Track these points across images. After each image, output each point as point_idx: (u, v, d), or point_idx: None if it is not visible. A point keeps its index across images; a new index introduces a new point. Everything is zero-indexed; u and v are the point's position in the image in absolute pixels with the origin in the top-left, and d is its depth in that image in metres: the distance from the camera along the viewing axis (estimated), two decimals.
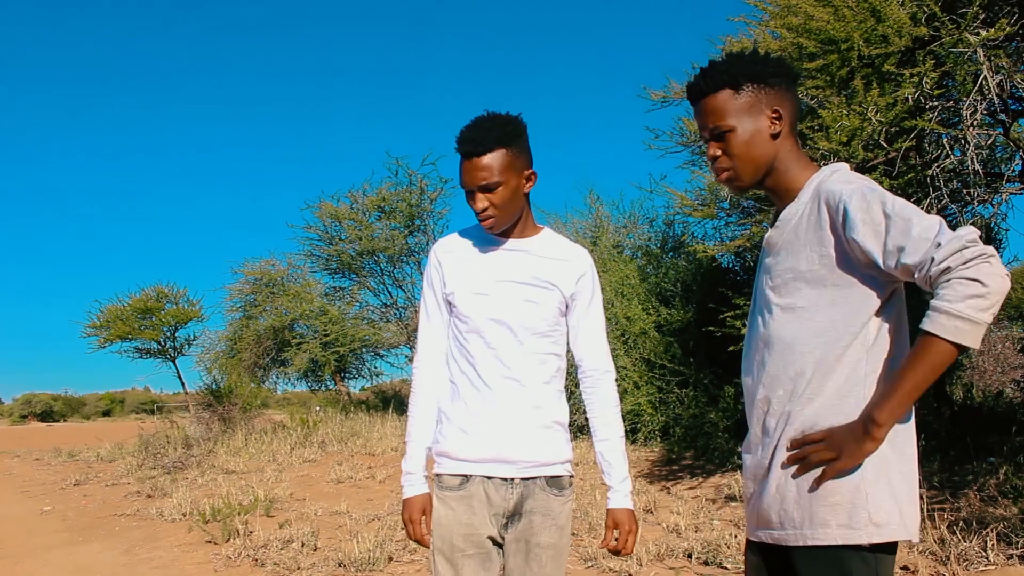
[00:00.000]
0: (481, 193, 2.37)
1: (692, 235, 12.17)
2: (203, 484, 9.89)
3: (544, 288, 2.45)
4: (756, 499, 1.96)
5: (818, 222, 1.83)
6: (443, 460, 2.43)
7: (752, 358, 2.01)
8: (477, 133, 2.36)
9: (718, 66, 1.94)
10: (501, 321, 2.42)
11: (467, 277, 2.47)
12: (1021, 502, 5.51)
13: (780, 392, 1.89)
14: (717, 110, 1.94)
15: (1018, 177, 5.61)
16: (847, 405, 1.81)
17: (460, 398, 2.44)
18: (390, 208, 17.54)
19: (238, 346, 20.05)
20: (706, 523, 6.22)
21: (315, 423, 14.88)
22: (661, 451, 9.88)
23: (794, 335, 1.87)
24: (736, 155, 1.95)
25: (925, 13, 5.07)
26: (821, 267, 1.82)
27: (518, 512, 2.41)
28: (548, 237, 2.55)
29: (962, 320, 1.61)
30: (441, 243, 2.57)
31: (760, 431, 1.95)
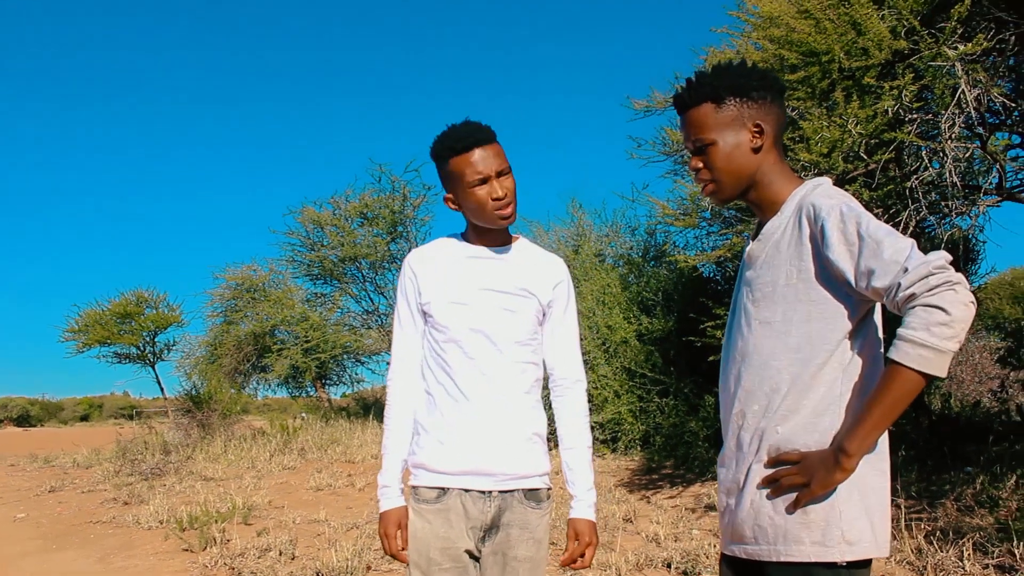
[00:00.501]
0: (498, 180, 2.35)
1: (674, 244, 12.22)
2: (181, 491, 9.81)
3: (522, 297, 2.43)
4: (730, 514, 1.96)
5: (799, 236, 1.83)
6: (420, 472, 2.40)
7: (729, 371, 2.01)
8: (474, 126, 2.36)
9: (702, 79, 1.94)
10: (480, 330, 2.39)
11: (444, 287, 2.44)
12: (997, 512, 5.55)
13: (755, 407, 1.90)
14: (699, 123, 1.94)
15: (995, 190, 5.66)
16: (822, 423, 1.81)
17: (437, 409, 2.41)
18: (373, 214, 17.51)
19: (218, 351, 19.92)
20: (685, 533, 6.22)
21: (295, 430, 14.80)
22: (641, 460, 9.89)
23: (770, 350, 1.87)
24: (717, 168, 1.95)
25: (905, 27, 5.11)
26: (799, 281, 1.82)
27: (496, 525, 2.38)
28: (524, 245, 2.54)
29: (926, 348, 1.60)
30: (415, 253, 2.54)
31: (735, 445, 1.95)
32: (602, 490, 8.20)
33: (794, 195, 1.91)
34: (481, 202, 2.35)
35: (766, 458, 1.86)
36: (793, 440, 1.83)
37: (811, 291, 1.81)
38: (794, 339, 1.83)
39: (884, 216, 5.46)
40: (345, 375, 21.76)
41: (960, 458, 7.11)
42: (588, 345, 10.75)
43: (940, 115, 4.97)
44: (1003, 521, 5.35)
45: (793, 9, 5.77)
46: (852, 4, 5.18)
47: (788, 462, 1.82)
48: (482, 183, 2.34)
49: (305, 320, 18.06)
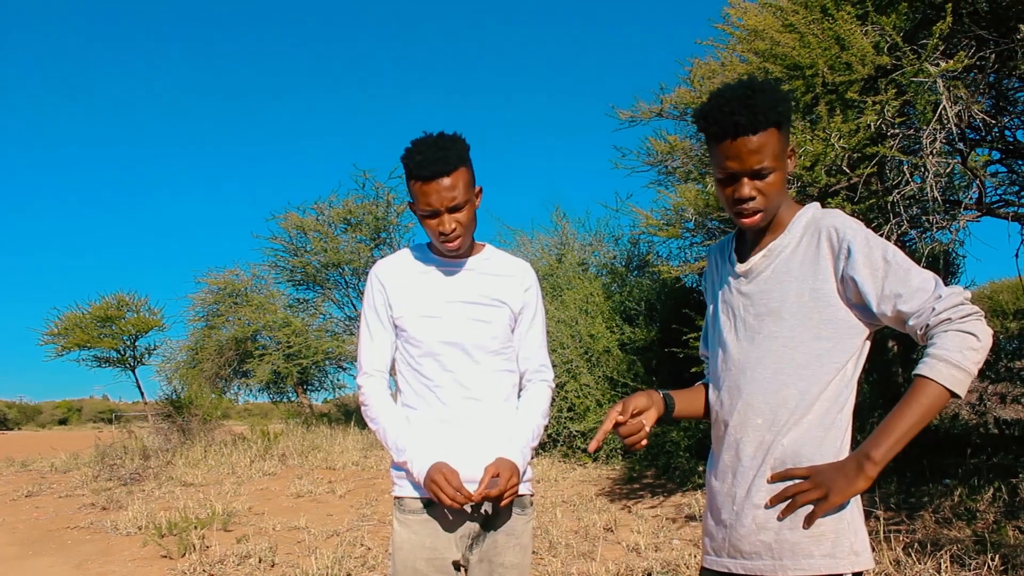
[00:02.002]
0: (450, 215, 2.35)
1: (657, 254, 12.26)
2: (160, 497, 9.74)
3: (494, 306, 2.46)
4: (727, 528, 1.95)
5: (816, 256, 1.87)
6: (404, 483, 2.41)
7: (723, 382, 2.01)
8: (439, 153, 2.32)
9: (762, 102, 1.84)
10: (454, 342, 2.41)
11: (415, 300, 2.45)
12: (974, 524, 5.59)
13: (759, 421, 1.90)
14: (764, 149, 1.85)
15: (975, 205, 5.72)
16: (831, 436, 1.86)
17: (420, 423, 2.42)
18: (356, 220, 17.51)
19: (199, 356, 19.83)
20: (666, 543, 6.23)
21: (276, 436, 14.73)
22: (622, 469, 9.90)
23: (776, 365, 1.89)
24: (770, 195, 1.89)
25: (887, 43, 5.16)
26: (810, 300, 1.86)
27: (481, 533, 2.40)
28: (491, 254, 2.55)
29: (958, 369, 1.69)
30: (382, 266, 2.54)
31: (733, 457, 1.95)
32: (584, 499, 8.21)
33: (799, 216, 1.94)
34: (431, 231, 2.38)
35: (770, 473, 1.88)
36: (800, 452, 1.85)
37: (823, 310, 1.86)
38: (802, 356, 1.86)
39: None
40: (327, 381, 21.74)
41: (938, 471, 7.16)
42: (571, 354, 10.76)
43: (922, 130, 5.02)
44: (980, 533, 5.39)
45: (778, 23, 5.82)
46: (836, 19, 5.23)
47: (796, 477, 1.83)
48: (433, 215, 2.34)
49: (287, 325, 18.00)
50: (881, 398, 8.32)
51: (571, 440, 10.85)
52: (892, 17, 5.18)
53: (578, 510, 7.66)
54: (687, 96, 7.83)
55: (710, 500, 2.04)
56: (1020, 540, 5.12)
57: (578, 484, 9.21)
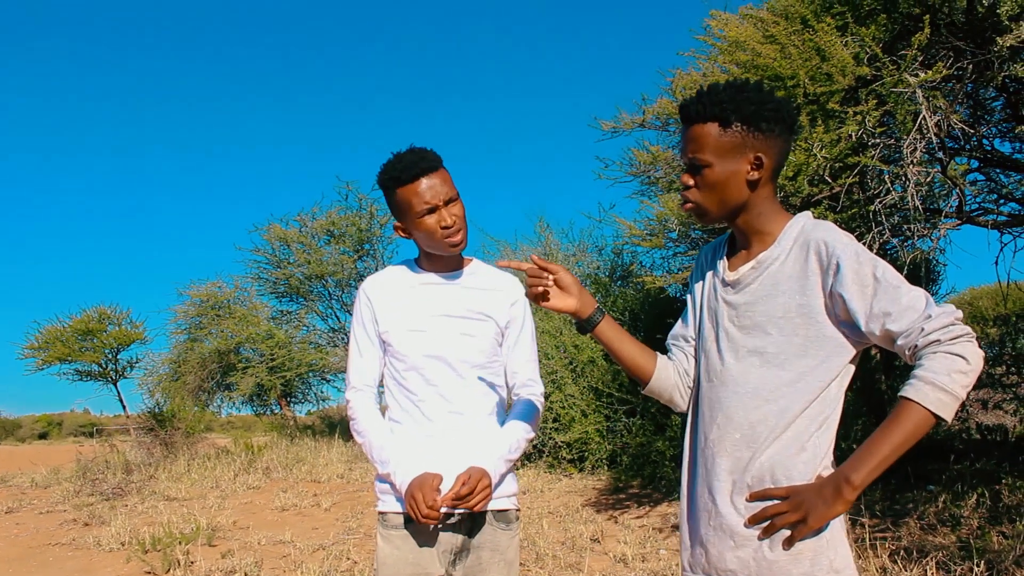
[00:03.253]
0: (446, 208, 2.37)
1: (640, 264, 12.31)
2: (143, 511, 9.65)
3: (479, 320, 2.46)
4: (703, 544, 1.92)
5: (804, 270, 1.82)
6: (387, 498, 2.41)
7: (703, 391, 1.97)
8: (420, 155, 2.37)
9: (715, 96, 1.84)
10: (439, 356, 2.42)
11: (401, 315, 2.46)
12: (959, 530, 5.63)
13: (737, 436, 1.86)
14: (700, 141, 1.85)
15: (955, 213, 5.78)
16: (806, 455, 1.82)
17: (404, 437, 2.42)
18: (339, 232, 17.49)
19: (182, 369, 19.70)
20: (653, 553, 6.23)
21: (259, 448, 14.65)
22: (608, 480, 9.90)
23: (759, 380, 1.85)
24: (706, 191, 1.88)
25: (867, 54, 5.22)
26: (798, 315, 1.82)
27: (466, 548, 2.39)
28: (477, 268, 2.56)
29: (945, 393, 1.64)
30: (370, 282, 2.56)
31: (709, 471, 1.91)
32: (569, 510, 8.20)
33: (789, 227, 1.89)
34: (430, 231, 2.38)
35: (747, 491, 1.84)
36: (775, 469, 1.82)
37: (810, 326, 1.81)
38: (787, 372, 1.82)
39: None
40: (311, 393, 21.65)
41: (922, 477, 7.20)
42: (555, 364, 10.77)
43: (902, 140, 5.07)
44: (964, 539, 5.43)
45: (759, 34, 5.87)
46: (816, 31, 5.27)
47: (774, 497, 1.80)
48: (430, 212, 2.36)
49: (270, 338, 17.94)
50: (864, 406, 8.37)
51: (556, 451, 10.85)
52: (871, 28, 5.23)
53: (564, 521, 7.66)
54: (669, 107, 7.86)
55: (686, 512, 2.00)
56: (1004, 546, 5.16)
57: (564, 495, 9.21)
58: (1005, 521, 5.65)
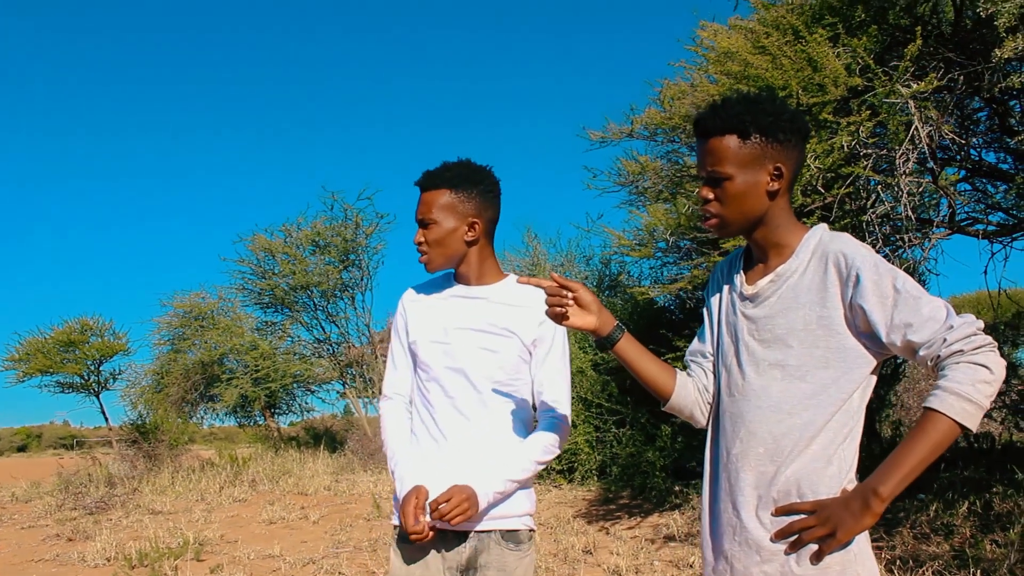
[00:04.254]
0: (421, 228, 2.43)
1: (628, 274, 12.32)
2: (128, 525, 9.54)
3: (502, 336, 2.42)
4: (728, 559, 1.90)
5: (823, 282, 1.82)
6: (398, 510, 2.40)
7: (725, 406, 1.96)
8: (433, 170, 2.44)
9: (732, 108, 1.84)
10: (458, 369, 2.40)
11: (428, 326, 2.47)
12: (952, 539, 5.64)
13: (761, 450, 1.86)
14: (719, 154, 1.85)
15: (946, 223, 5.81)
16: (832, 469, 1.81)
17: (419, 448, 2.43)
18: (325, 242, 17.42)
19: (165, 380, 19.56)
20: (647, 564, 6.21)
21: (245, 460, 14.54)
22: (598, 490, 9.88)
23: (782, 393, 1.84)
24: (727, 204, 1.88)
25: (859, 64, 5.24)
26: (819, 327, 1.81)
27: (472, 567, 2.36)
28: (509, 284, 2.52)
29: (970, 403, 1.64)
30: (410, 291, 2.59)
31: (733, 486, 1.90)
32: (561, 521, 8.17)
33: (807, 239, 1.89)
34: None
35: (773, 506, 1.83)
36: (801, 483, 1.81)
37: (831, 338, 1.81)
38: (809, 385, 1.82)
39: None
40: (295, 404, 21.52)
41: (912, 485, 7.21)
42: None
43: (894, 150, 5.09)
44: (958, 548, 5.44)
45: (749, 45, 5.88)
46: (808, 42, 5.29)
47: (801, 512, 1.78)
48: (417, 225, 2.45)
49: (255, 349, 17.84)
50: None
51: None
52: (863, 40, 5.25)
53: (555, 532, 7.62)
54: (657, 117, 7.87)
55: (708, 528, 1.99)
56: (998, 554, 5.16)
57: (554, 506, 9.18)
58: (997, 529, 5.66)
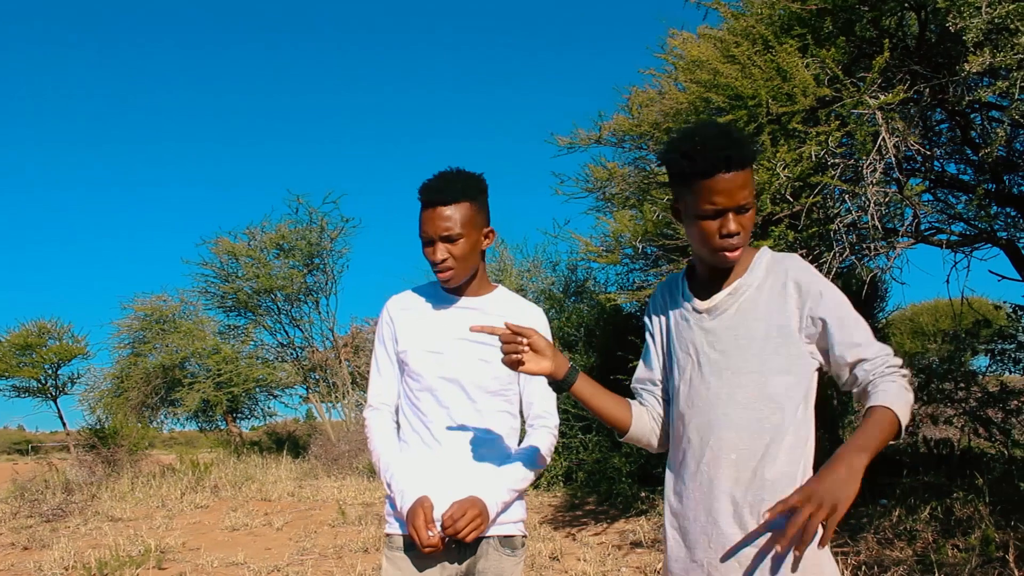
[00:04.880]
0: (442, 244, 2.36)
1: (595, 280, 12.36)
2: (87, 533, 9.35)
3: (496, 346, 2.42)
4: (703, 567, 1.95)
5: (781, 295, 1.95)
6: (394, 521, 2.39)
7: (688, 419, 2.01)
8: (443, 183, 2.36)
9: (739, 141, 1.91)
10: (454, 380, 2.40)
11: (420, 335, 2.45)
12: (915, 544, 5.71)
13: (733, 456, 1.92)
14: (748, 185, 1.91)
15: (911, 233, 5.90)
16: (799, 471, 1.91)
17: (412, 457, 2.41)
18: (289, 246, 17.29)
19: (125, 384, 19.27)
20: (614, 570, 6.22)
21: (207, 466, 14.35)
22: (564, 496, 9.89)
23: (747, 398, 1.93)
24: (748, 230, 1.96)
25: (828, 75, 5.30)
26: (778, 335, 1.93)
27: (470, 573, 2.37)
28: (502, 295, 2.54)
29: (908, 408, 1.85)
30: (395, 300, 2.55)
31: (706, 495, 1.95)
32: (527, 527, 8.14)
33: (759, 257, 2.02)
34: (428, 259, 2.40)
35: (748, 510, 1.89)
36: (776, 487, 1.88)
37: (790, 346, 1.93)
38: (772, 389, 1.92)
39: (808, 257, 5.63)
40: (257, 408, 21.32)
41: (874, 491, 7.31)
42: None
43: (861, 160, 5.16)
44: (920, 553, 5.51)
45: (719, 54, 5.93)
46: (778, 52, 5.35)
47: (789, 508, 1.75)
48: (428, 243, 2.37)
49: (217, 352, 17.65)
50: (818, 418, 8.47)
51: None
52: (831, 51, 5.32)
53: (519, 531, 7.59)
54: (625, 123, 7.92)
55: (680, 537, 2.02)
56: (959, 559, 5.25)
57: None
58: (959, 534, 5.74)
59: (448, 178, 2.38)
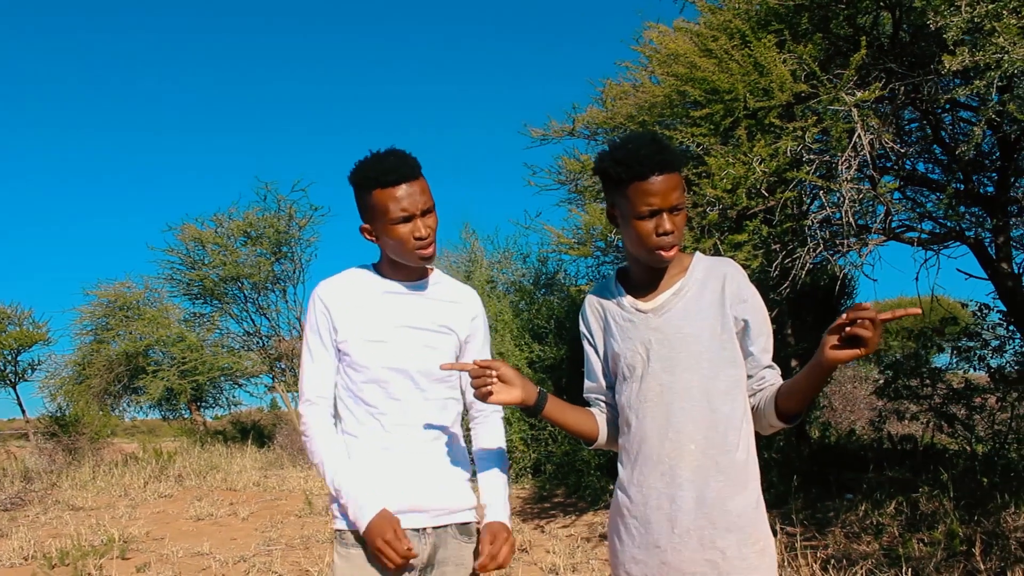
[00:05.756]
0: (422, 218, 2.28)
1: (565, 272, 12.35)
2: (47, 523, 9.20)
3: (442, 333, 2.40)
4: (664, 552, 2.03)
5: (720, 298, 2.08)
6: (347, 516, 2.31)
7: (643, 413, 2.09)
8: (400, 159, 2.28)
9: (668, 147, 2.04)
10: (401, 369, 2.33)
11: (361, 324, 2.35)
12: (881, 538, 5.77)
13: (692, 446, 2.03)
14: (679, 187, 2.04)
15: (882, 230, 5.94)
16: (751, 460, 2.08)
17: (362, 451, 2.33)
18: (257, 234, 17.05)
19: (87, 372, 18.97)
20: (583, 563, 6.22)
21: (170, 455, 14.19)
22: (532, 488, 9.89)
23: (702, 391, 2.04)
24: (681, 230, 2.08)
25: (805, 71, 5.32)
26: (723, 333, 2.07)
27: (431, 563, 2.33)
28: (439, 279, 2.49)
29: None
30: (326, 287, 2.41)
31: (669, 484, 2.04)
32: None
33: (697, 260, 2.17)
34: (403, 239, 2.28)
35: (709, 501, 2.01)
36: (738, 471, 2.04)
37: (733, 342, 2.08)
38: (722, 383, 2.05)
39: (782, 252, 5.65)
40: (222, 397, 21.09)
41: (841, 486, 7.38)
42: None
43: (837, 157, 5.18)
44: (887, 547, 5.57)
45: (696, 48, 5.92)
46: (755, 46, 5.35)
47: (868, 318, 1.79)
48: (405, 221, 2.27)
49: (182, 340, 17.39)
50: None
51: None
52: (808, 47, 5.33)
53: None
54: (599, 116, 7.91)
55: (638, 527, 2.09)
56: (925, 552, 5.31)
57: None
58: (924, 528, 5.81)
59: (400, 155, 2.29)
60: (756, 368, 2.10)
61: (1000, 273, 6.49)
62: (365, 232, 2.37)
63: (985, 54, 3.84)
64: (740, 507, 2.01)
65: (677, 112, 6.24)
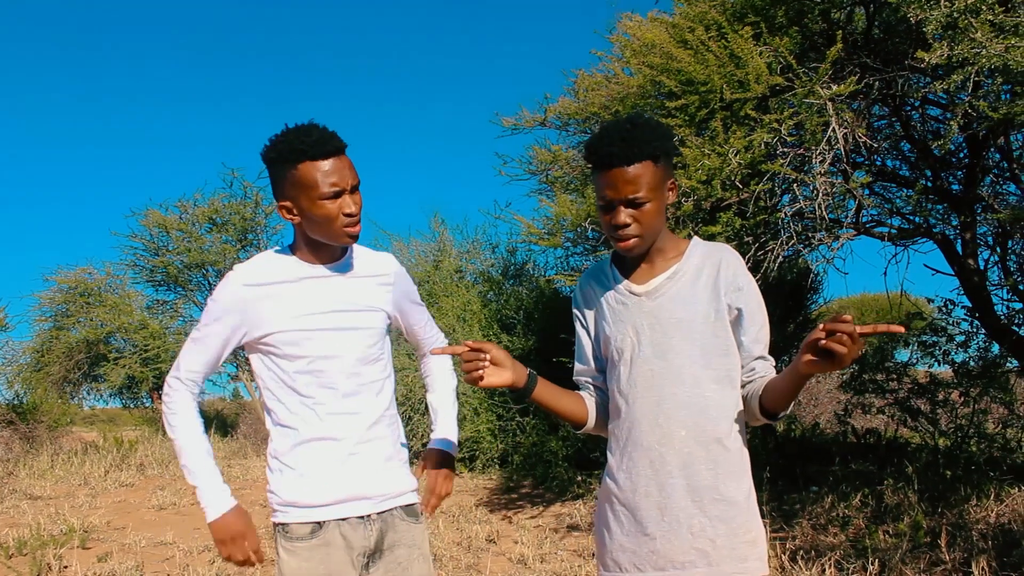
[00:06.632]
0: (351, 195, 2.22)
1: (535, 263, 12.34)
2: (4, 512, 9.00)
3: (369, 311, 2.36)
4: (654, 540, 2.02)
5: (714, 284, 2.07)
6: (289, 510, 2.27)
7: (633, 398, 2.08)
8: (328, 133, 2.21)
9: (640, 137, 1.99)
10: (332, 356, 2.28)
11: (285, 314, 2.27)
12: (848, 530, 5.82)
13: (682, 433, 2.02)
14: (637, 181, 1.99)
15: (853, 224, 5.99)
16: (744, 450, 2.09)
17: (300, 442, 2.28)
18: (222, 220, 16.84)
19: (46, 359, 18.61)
20: (552, 554, 6.21)
21: (132, 444, 13.98)
22: (499, 479, 9.86)
23: (693, 377, 2.03)
24: (646, 225, 2.04)
25: (781, 63, 5.33)
26: (716, 320, 2.06)
27: (379, 548, 2.31)
28: (357, 252, 2.42)
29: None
30: (246, 274, 2.32)
31: (659, 471, 2.04)
32: (463, 509, 8.11)
33: (694, 245, 2.15)
34: (331, 216, 2.20)
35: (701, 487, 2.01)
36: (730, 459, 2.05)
37: (726, 330, 2.08)
38: (714, 370, 2.05)
39: (755, 245, 5.67)
40: None
41: (806, 478, 7.44)
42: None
43: (811, 150, 5.20)
44: (853, 539, 5.62)
45: (671, 39, 5.91)
46: (732, 38, 5.35)
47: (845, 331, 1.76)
48: (335, 196, 2.19)
49: (144, 328, 17.13)
50: None
51: None
52: (784, 40, 5.34)
53: (458, 521, 7.56)
54: (571, 107, 7.88)
55: (627, 514, 2.08)
56: (890, 544, 5.37)
57: (456, 494, 9.10)
58: (889, 520, 5.88)
59: (325, 129, 2.22)
60: (747, 359, 2.09)
61: (966, 269, 6.57)
62: (283, 211, 2.28)
63: (963, 48, 3.87)
64: (731, 496, 2.02)
65: (651, 103, 6.24)
